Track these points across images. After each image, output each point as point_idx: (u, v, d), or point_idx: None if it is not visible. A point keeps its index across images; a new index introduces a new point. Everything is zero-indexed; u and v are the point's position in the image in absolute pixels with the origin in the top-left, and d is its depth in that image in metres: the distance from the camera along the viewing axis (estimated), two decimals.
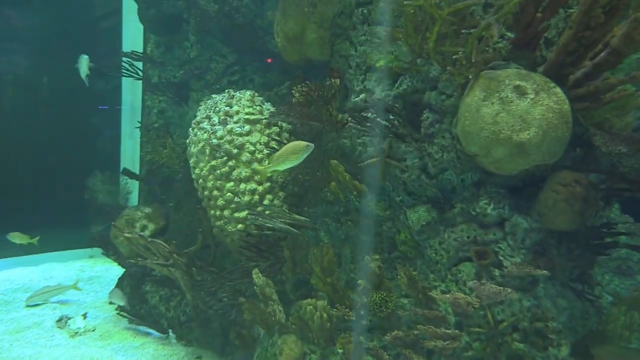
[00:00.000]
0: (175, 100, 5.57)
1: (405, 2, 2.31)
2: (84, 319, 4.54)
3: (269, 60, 4.94)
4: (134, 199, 6.51)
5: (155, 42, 5.67)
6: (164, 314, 4.24)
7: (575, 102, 2.34)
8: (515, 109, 2.19)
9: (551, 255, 2.39)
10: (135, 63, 5.60)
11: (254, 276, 3.01)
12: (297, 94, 2.92)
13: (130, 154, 6.89)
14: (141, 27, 5.88)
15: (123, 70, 5.54)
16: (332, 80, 2.85)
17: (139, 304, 4.46)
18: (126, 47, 6.65)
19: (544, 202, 2.36)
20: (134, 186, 6.49)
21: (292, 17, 2.83)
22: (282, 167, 2.63)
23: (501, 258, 2.39)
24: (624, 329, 2.45)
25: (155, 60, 5.68)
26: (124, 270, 4.89)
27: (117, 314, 4.43)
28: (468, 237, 2.49)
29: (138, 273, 4.57)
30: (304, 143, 2.52)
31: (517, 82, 2.23)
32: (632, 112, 2.62)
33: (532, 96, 2.19)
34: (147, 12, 5.68)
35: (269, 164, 2.66)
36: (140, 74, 5.58)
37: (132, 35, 6.69)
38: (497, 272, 2.37)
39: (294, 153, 2.55)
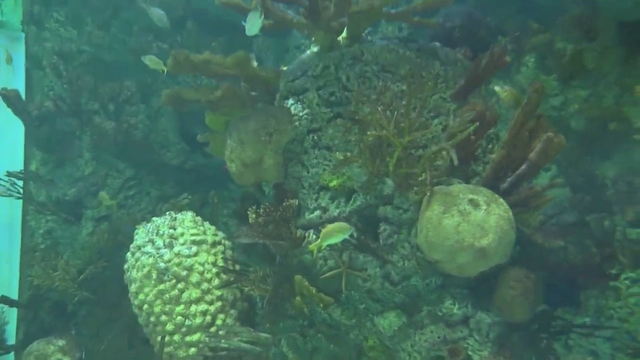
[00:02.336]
0: (66, 219, 5.18)
1: (368, 133, 2.47)
2: None
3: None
4: (10, 331, 5.63)
5: (42, 160, 5.33)
6: None
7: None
8: (474, 219, 2.38)
9: (512, 345, 2.54)
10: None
11: None
12: (254, 215, 2.89)
13: (6, 279, 6.06)
14: (20, 144, 5.46)
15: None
16: (290, 200, 2.88)
17: None
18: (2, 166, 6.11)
19: (502, 298, 2.54)
20: (11, 316, 5.67)
21: (249, 145, 2.86)
22: (329, 242, 2.58)
23: (470, 353, 2.48)
24: None
25: (43, 178, 5.29)
26: None
27: None
28: (438, 337, 2.56)
29: None
30: (347, 225, 2.53)
31: (471, 196, 2.44)
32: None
33: (485, 207, 2.41)
34: (39, 130, 5.38)
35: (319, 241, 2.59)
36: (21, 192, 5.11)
37: (9, 153, 6.15)
38: None
39: (340, 231, 2.52)
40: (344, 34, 3.07)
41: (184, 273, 3.25)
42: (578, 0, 4.44)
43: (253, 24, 2.75)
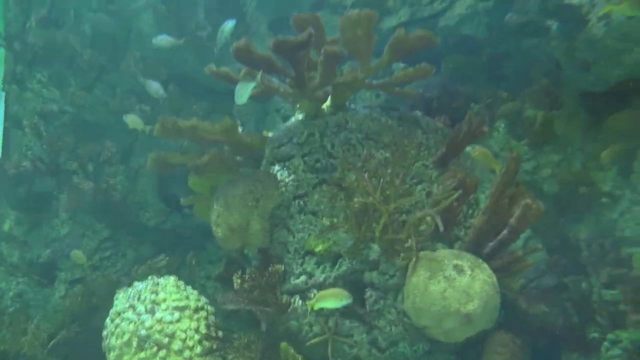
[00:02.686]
0: (39, 282, 5.02)
1: (355, 200, 2.50)
2: None
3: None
4: None
5: (17, 220, 5.21)
6: None
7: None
8: (459, 285, 2.40)
9: None
10: None
11: None
12: (240, 281, 2.86)
13: None
14: None
15: None
16: (276, 266, 2.86)
17: None
18: None
19: None
20: None
21: (236, 210, 2.86)
22: (324, 305, 2.57)
23: None
24: None
25: (17, 238, 5.16)
26: None
27: None
28: None
29: None
30: (345, 293, 2.54)
31: (455, 261, 2.48)
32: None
33: (469, 272, 2.44)
34: (15, 191, 5.29)
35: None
36: None
37: None
38: None
39: (337, 297, 2.53)
40: (328, 102, 3.16)
41: (166, 340, 3.14)
42: (543, 72, 4.70)
43: (242, 94, 2.82)
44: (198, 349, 3.20)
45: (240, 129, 3.28)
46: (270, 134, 3.31)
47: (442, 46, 3.92)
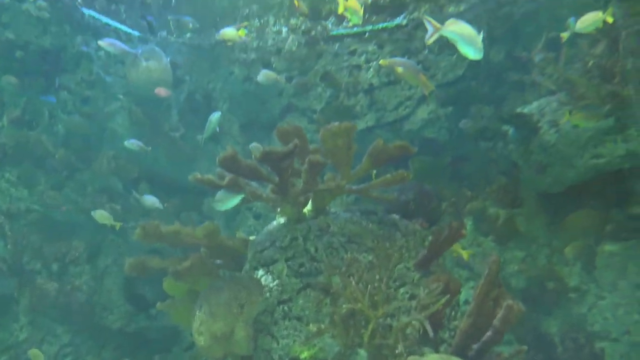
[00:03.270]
0: None
1: (344, 306, 2.49)
2: None
3: None
4: None
5: None
6: None
7: None
8: None
9: None
10: None
11: None
12: None
13: None
14: None
15: None
16: None
17: None
18: None
19: None
20: None
21: (220, 317, 2.78)
22: None
23: None
24: None
25: None
26: None
27: None
28: None
29: None
30: None
31: None
32: None
33: None
34: None
35: None
36: None
37: None
38: None
39: None
40: (309, 206, 3.22)
41: None
42: (501, 171, 4.99)
43: (225, 203, 2.86)
44: None
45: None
46: (251, 238, 3.31)
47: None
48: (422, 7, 5.47)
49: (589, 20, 3.63)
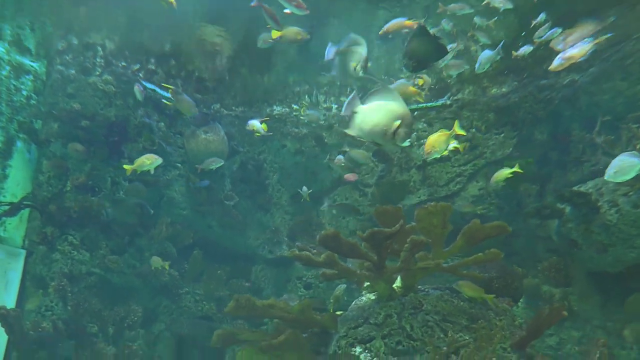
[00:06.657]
0: None
1: None
2: None
3: None
4: None
5: None
6: None
7: None
8: None
9: None
10: None
11: None
12: None
13: None
14: None
15: None
16: None
17: None
18: None
19: None
20: None
21: None
22: None
23: None
24: None
25: None
26: None
27: None
28: None
29: None
30: None
31: None
32: None
33: None
34: (35, 355, 4.81)
35: None
36: None
37: None
38: None
39: None
40: (397, 282, 3.12)
41: None
42: (550, 248, 4.90)
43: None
44: None
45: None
46: (339, 314, 3.19)
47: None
48: (466, 88, 5.61)
49: None
